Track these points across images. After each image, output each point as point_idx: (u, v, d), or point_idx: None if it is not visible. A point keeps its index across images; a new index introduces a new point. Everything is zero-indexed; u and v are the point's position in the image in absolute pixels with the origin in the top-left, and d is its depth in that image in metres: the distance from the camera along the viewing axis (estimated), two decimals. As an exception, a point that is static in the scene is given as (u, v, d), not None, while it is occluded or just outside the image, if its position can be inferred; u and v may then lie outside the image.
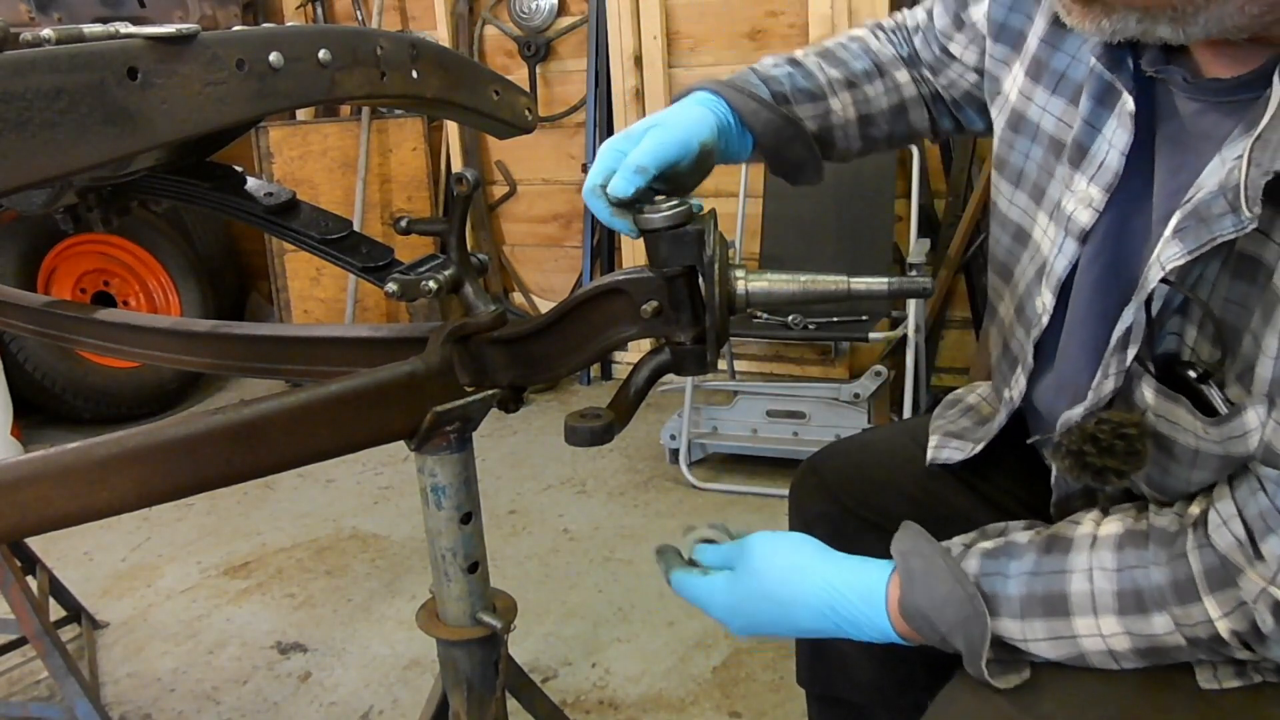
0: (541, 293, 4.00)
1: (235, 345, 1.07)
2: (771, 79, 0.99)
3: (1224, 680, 0.76)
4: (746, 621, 0.87)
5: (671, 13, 3.42)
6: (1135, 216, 0.79)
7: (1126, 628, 0.73)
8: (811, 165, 0.99)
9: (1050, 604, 0.75)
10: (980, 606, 0.75)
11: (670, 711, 1.85)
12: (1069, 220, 0.82)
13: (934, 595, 0.77)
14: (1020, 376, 0.94)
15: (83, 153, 0.63)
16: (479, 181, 0.95)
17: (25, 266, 3.37)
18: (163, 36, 0.67)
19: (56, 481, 0.67)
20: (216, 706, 1.96)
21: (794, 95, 0.99)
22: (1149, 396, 0.75)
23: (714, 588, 0.88)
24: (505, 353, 0.91)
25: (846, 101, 1.02)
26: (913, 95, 1.06)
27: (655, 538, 2.50)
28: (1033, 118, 0.89)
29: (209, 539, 2.69)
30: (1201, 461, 0.73)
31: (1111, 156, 0.79)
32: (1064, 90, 0.86)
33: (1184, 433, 0.73)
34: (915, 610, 0.78)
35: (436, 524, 0.93)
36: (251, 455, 0.74)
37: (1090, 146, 0.81)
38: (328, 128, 3.75)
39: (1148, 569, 0.72)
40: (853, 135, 1.04)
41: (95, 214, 1.14)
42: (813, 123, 1.00)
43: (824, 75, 1.02)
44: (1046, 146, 0.88)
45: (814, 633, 0.84)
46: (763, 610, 0.85)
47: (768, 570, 0.85)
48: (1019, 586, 0.76)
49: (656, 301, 0.82)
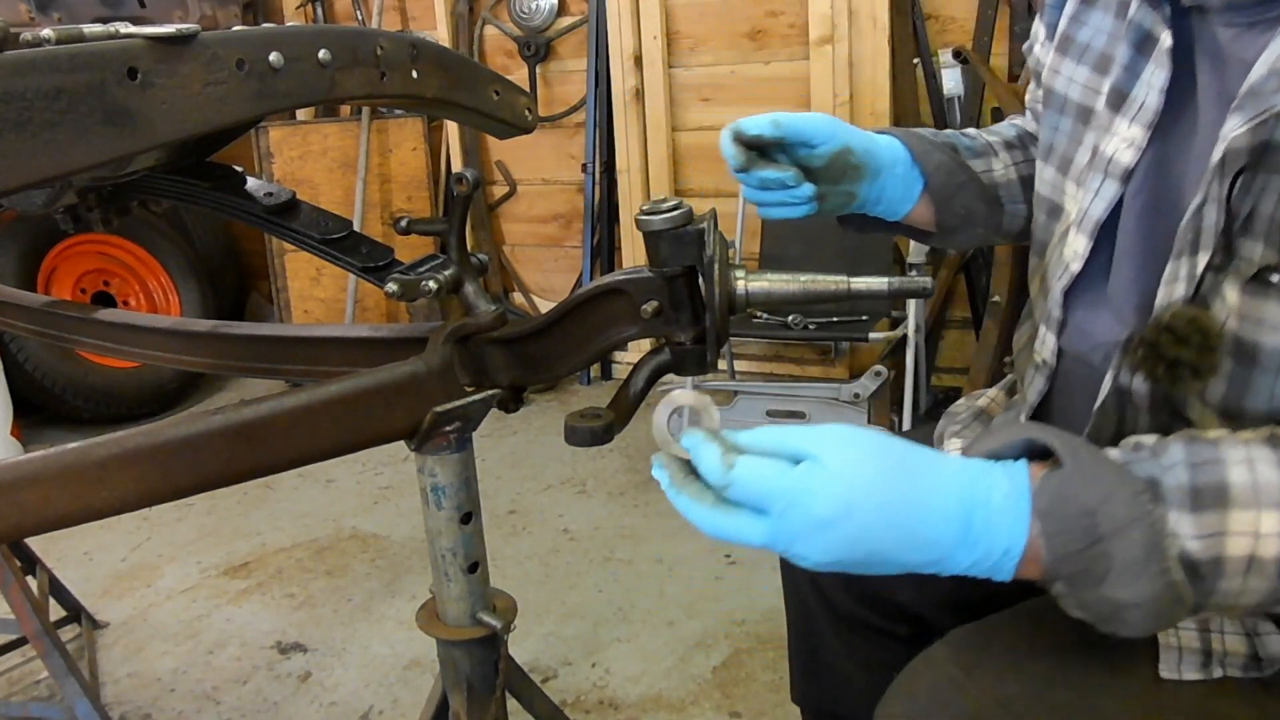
0: (541, 293, 4.00)
1: (235, 345, 1.07)
2: (940, 135, 1.01)
3: (1185, 672, 0.76)
4: (865, 524, 0.62)
5: (671, 13, 3.42)
6: (1177, 154, 0.79)
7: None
8: (981, 218, 1.00)
9: (1204, 495, 0.62)
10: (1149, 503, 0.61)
11: (670, 711, 1.85)
12: (1110, 162, 0.82)
13: (1101, 486, 0.61)
14: (1049, 335, 0.89)
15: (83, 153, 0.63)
16: (479, 181, 0.95)
17: (25, 266, 3.37)
18: (163, 36, 0.67)
19: (56, 481, 0.67)
20: (216, 706, 1.96)
21: (962, 149, 1.01)
22: (1231, 298, 0.70)
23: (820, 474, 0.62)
24: (505, 353, 0.91)
25: (1007, 161, 1.04)
26: None
27: (655, 538, 2.51)
28: (1060, 89, 0.90)
29: (209, 539, 2.69)
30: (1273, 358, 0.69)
31: (1151, 96, 0.79)
32: (1088, 59, 0.87)
33: (1272, 331, 0.69)
34: (1076, 504, 0.61)
35: (436, 524, 0.93)
36: (251, 455, 0.74)
37: (1130, 91, 0.82)
38: (328, 128, 3.75)
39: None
40: (1016, 196, 1.04)
41: (95, 214, 1.14)
42: (984, 178, 1.01)
43: (984, 138, 1.05)
44: (1075, 116, 0.89)
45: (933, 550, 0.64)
46: (891, 503, 0.62)
47: (874, 448, 0.63)
48: (1178, 476, 0.63)
49: (656, 301, 0.82)
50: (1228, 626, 0.77)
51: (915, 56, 3.10)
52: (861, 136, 0.93)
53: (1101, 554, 0.61)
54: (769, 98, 3.33)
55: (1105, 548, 0.61)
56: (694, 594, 2.25)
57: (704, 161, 3.49)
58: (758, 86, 3.35)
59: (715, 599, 2.22)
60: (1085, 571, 0.62)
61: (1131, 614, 0.62)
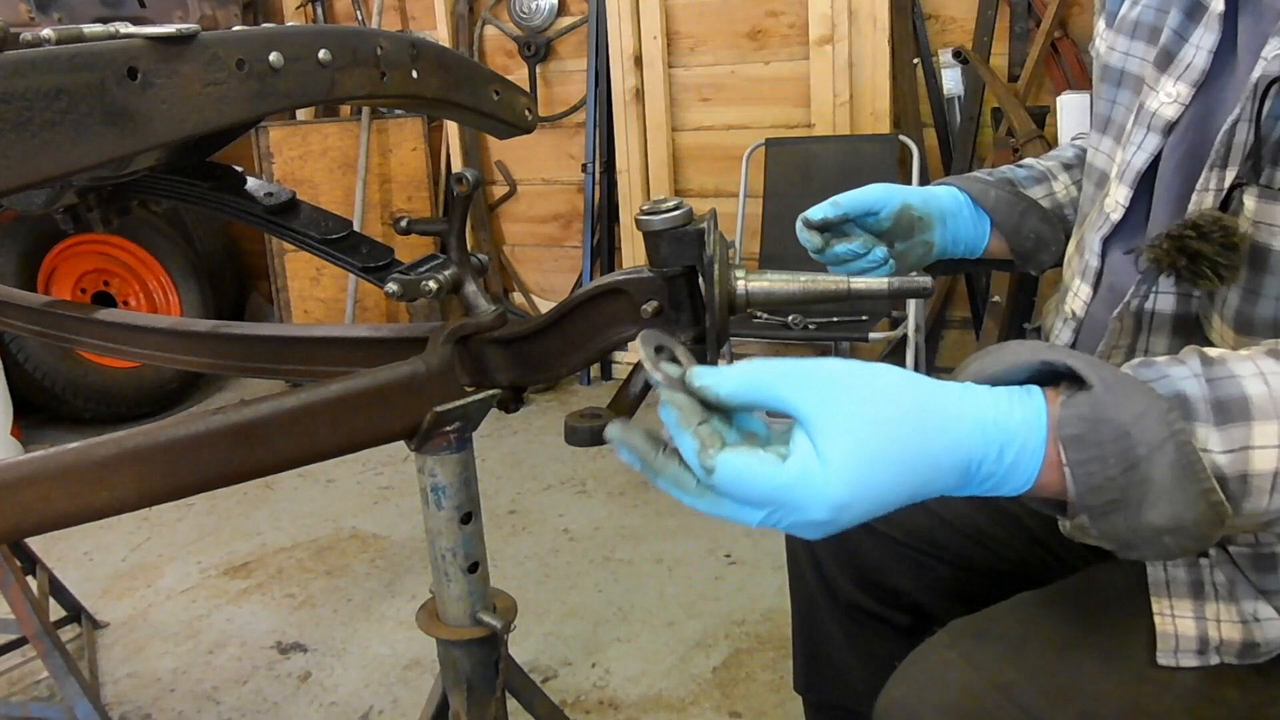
0: (541, 293, 4.00)
1: (235, 345, 1.07)
2: (995, 171, 1.08)
3: (1183, 660, 0.77)
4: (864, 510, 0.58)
5: (671, 13, 3.42)
6: (1219, 109, 0.81)
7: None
8: (1050, 238, 1.06)
9: (1225, 409, 0.59)
10: (1178, 420, 0.58)
11: (670, 711, 1.85)
12: (1154, 117, 0.84)
13: (1133, 406, 0.58)
14: (1084, 286, 0.90)
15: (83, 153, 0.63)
16: (479, 181, 0.95)
17: (25, 266, 3.37)
18: (163, 36, 0.67)
19: (56, 481, 0.67)
20: (216, 706, 1.96)
21: (1019, 181, 1.07)
22: (1250, 205, 0.72)
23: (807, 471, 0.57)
24: (505, 353, 0.91)
25: (1066, 182, 1.09)
26: None
27: (655, 538, 2.51)
28: (1116, 64, 0.94)
29: (209, 539, 2.69)
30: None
31: (1199, 57, 0.82)
32: (1141, 33, 0.91)
33: (1273, 230, 0.71)
34: (1110, 425, 0.57)
35: (436, 524, 0.93)
36: (251, 455, 0.74)
37: (1178, 52, 0.84)
38: (328, 128, 3.75)
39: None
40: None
41: (95, 214, 1.14)
42: (1045, 201, 1.07)
43: (1041, 164, 1.10)
44: (1131, 88, 0.91)
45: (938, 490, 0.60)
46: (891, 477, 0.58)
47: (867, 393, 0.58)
48: (1200, 389, 0.60)
49: (656, 301, 0.82)
50: (1224, 615, 0.78)
51: (915, 56, 3.10)
52: (918, 193, 1.02)
53: (1138, 479, 0.57)
54: (769, 98, 3.33)
55: (1143, 471, 0.57)
56: (694, 594, 2.25)
57: (704, 161, 3.49)
58: (758, 86, 3.35)
59: (715, 599, 2.22)
60: (1120, 499, 0.58)
61: (1167, 539, 0.58)
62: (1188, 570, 0.81)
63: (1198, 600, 0.79)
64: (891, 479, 0.58)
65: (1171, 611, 0.79)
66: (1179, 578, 0.81)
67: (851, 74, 3.12)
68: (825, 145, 3.07)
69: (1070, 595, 0.87)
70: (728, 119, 3.42)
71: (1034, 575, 1.00)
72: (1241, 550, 0.79)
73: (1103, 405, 0.58)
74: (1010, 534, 1.04)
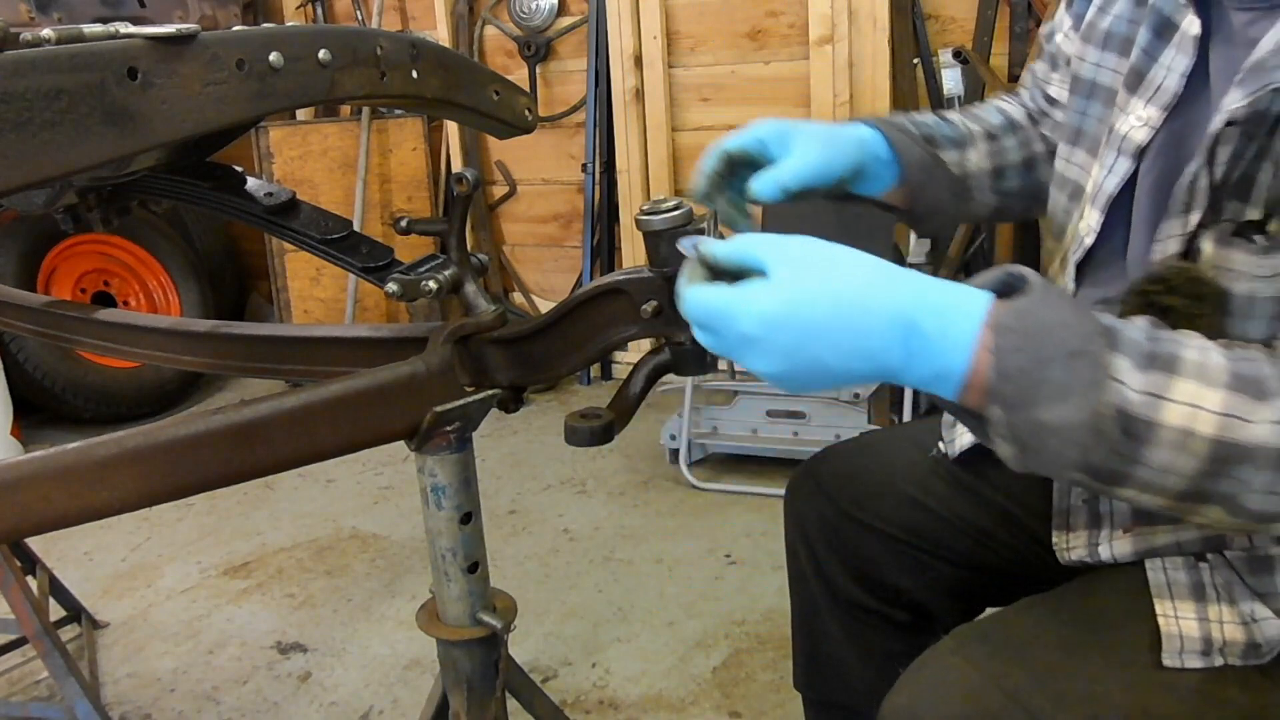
0: (541, 293, 4.00)
1: (235, 345, 1.07)
2: (920, 123, 1.04)
3: (1187, 661, 0.77)
4: (794, 339, 0.64)
5: (671, 13, 3.42)
6: (1190, 134, 0.81)
7: (1228, 406, 0.62)
8: (949, 209, 1.03)
9: (1157, 360, 0.63)
10: (1101, 344, 0.62)
11: (670, 711, 1.85)
12: (1124, 140, 0.84)
13: (1061, 314, 0.62)
14: None
15: (83, 153, 0.63)
16: (479, 181, 0.95)
17: (25, 266, 3.37)
18: (163, 36, 0.67)
19: (56, 481, 0.67)
20: (216, 706, 1.96)
21: (940, 140, 1.04)
22: (1208, 249, 0.73)
23: (741, 300, 0.65)
24: (505, 353, 0.91)
25: (983, 152, 1.07)
26: (1040, 151, 1.09)
27: (655, 538, 2.51)
28: (1087, 76, 0.93)
29: (209, 539, 2.69)
30: (1256, 309, 0.72)
31: (1170, 79, 0.82)
32: (1112, 45, 0.90)
33: (1239, 277, 0.72)
34: (1032, 318, 0.62)
35: (436, 524, 0.93)
36: (251, 455, 0.74)
37: (1148, 73, 0.84)
38: (328, 128, 3.75)
39: (1258, 362, 0.64)
40: (985, 187, 1.07)
41: (95, 214, 1.14)
42: (956, 169, 1.04)
43: (966, 127, 1.07)
44: (1102, 100, 0.91)
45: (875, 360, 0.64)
46: (821, 318, 0.63)
47: (828, 262, 0.66)
48: (1136, 335, 0.64)
49: (656, 301, 0.82)
50: (1226, 616, 0.78)
51: (915, 56, 3.10)
52: (852, 157, 0.95)
53: (1044, 378, 0.61)
54: (769, 97, 3.33)
55: (1048, 372, 0.61)
56: (694, 594, 2.25)
57: (704, 161, 3.49)
58: (758, 86, 3.35)
59: (715, 599, 2.22)
60: (1024, 391, 0.62)
61: (1051, 441, 0.62)
62: (1188, 572, 0.81)
63: (1200, 602, 0.79)
64: (826, 312, 0.64)
65: (1175, 613, 0.79)
66: (1180, 580, 0.81)
67: (851, 74, 3.12)
68: (825, 145, 3.07)
69: (1073, 598, 0.87)
70: (728, 119, 3.42)
71: (1034, 575, 1.00)
72: (1236, 554, 0.80)
73: (1039, 305, 0.62)
74: (1010, 534, 1.04)
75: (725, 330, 0.66)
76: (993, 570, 1.06)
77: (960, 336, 0.63)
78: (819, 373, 0.65)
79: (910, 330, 0.63)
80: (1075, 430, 0.61)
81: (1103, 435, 0.61)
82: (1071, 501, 0.91)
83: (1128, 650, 0.79)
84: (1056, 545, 0.93)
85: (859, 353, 0.64)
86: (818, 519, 1.11)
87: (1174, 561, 0.82)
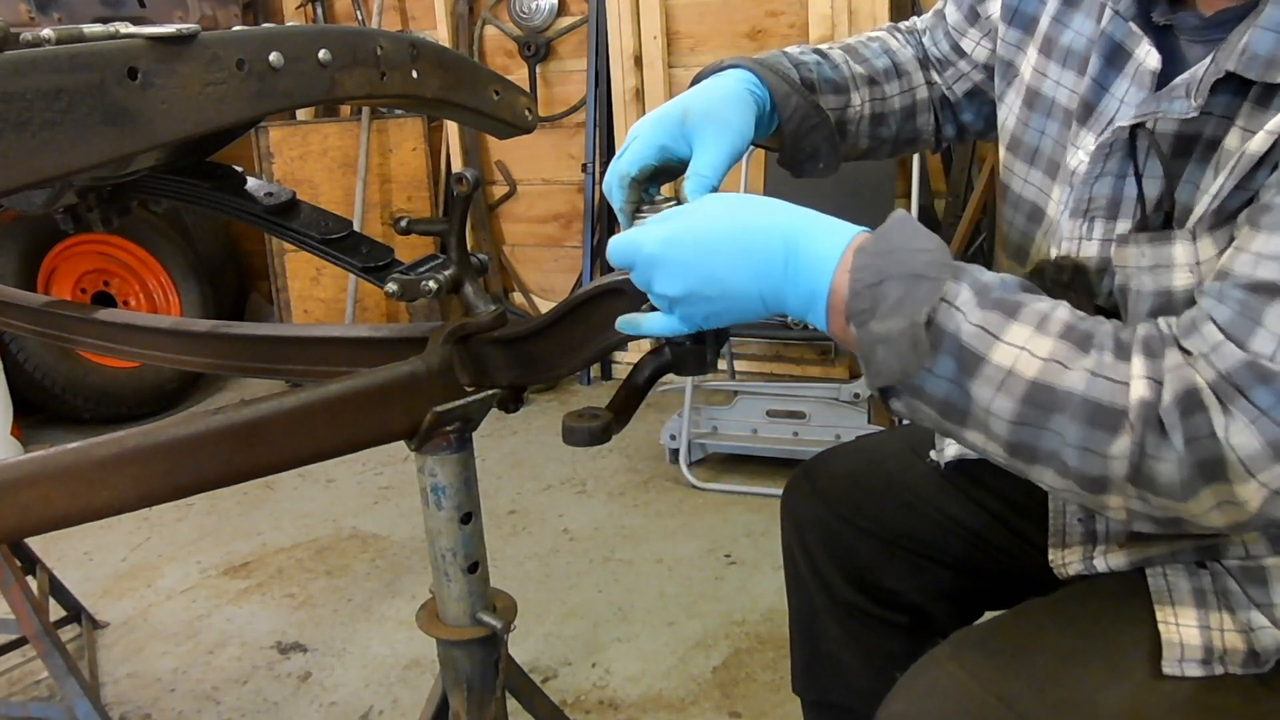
0: (541, 293, 4.00)
1: (235, 345, 1.07)
2: (802, 64, 0.99)
3: (1188, 670, 0.77)
4: (691, 255, 0.71)
5: (671, 13, 3.42)
6: None
7: (1053, 353, 0.65)
8: (826, 157, 0.99)
9: (1001, 306, 0.66)
10: (948, 272, 0.67)
11: (670, 711, 1.85)
12: (1073, 175, 0.83)
13: (913, 241, 0.68)
14: None
15: (83, 153, 0.63)
16: (479, 181, 0.95)
17: (25, 266, 3.37)
18: (163, 36, 0.67)
19: (56, 481, 0.67)
20: (216, 706, 1.96)
21: (820, 84, 0.99)
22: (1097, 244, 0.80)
23: (647, 229, 0.74)
24: (505, 353, 0.91)
25: (865, 98, 1.03)
26: (924, 99, 1.07)
27: (655, 538, 2.51)
28: (1047, 93, 0.90)
29: (209, 539, 2.69)
30: (1140, 301, 0.76)
31: (1123, 113, 0.80)
32: (1072, 63, 0.87)
33: (1137, 274, 0.75)
34: (883, 241, 0.68)
35: (436, 524, 0.93)
36: (251, 455, 0.74)
37: (1098, 105, 0.82)
38: (328, 128, 3.75)
39: (1099, 322, 0.68)
40: (863, 133, 1.04)
41: (95, 214, 1.14)
42: (834, 115, 1.00)
43: (848, 69, 1.02)
44: (1061, 120, 0.89)
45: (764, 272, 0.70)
46: (716, 233, 0.71)
47: (717, 204, 0.73)
48: (988, 278, 0.69)
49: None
50: (1226, 624, 0.78)
51: (915, 56, 3.10)
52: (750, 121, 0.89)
53: (884, 294, 0.66)
54: (769, 98, 3.32)
55: (888, 288, 0.66)
56: (694, 594, 2.25)
57: (704, 161, 3.48)
58: (758, 86, 3.35)
59: (715, 599, 2.22)
60: (867, 306, 0.67)
61: (879, 349, 0.66)
62: (1189, 578, 0.80)
63: (1201, 609, 0.79)
64: (721, 229, 0.71)
65: (1176, 620, 0.78)
66: (1181, 586, 0.80)
67: (851, 74, 3.12)
68: (825, 145, 3.07)
69: (1071, 605, 0.86)
70: (728, 119, 3.42)
71: (1030, 579, 0.99)
72: (1233, 563, 0.79)
73: (898, 232, 0.68)
74: (1006, 538, 1.04)
75: (637, 258, 0.73)
76: (989, 574, 1.06)
77: (827, 255, 0.69)
78: (716, 291, 0.71)
79: (790, 249, 0.69)
80: (897, 340, 0.65)
81: (919, 346, 0.65)
82: (1067, 520, 0.91)
83: (1126, 658, 0.78)
84: (1053, 562, 0.92)
85: (749, 270, 0.70)
86: (814, 523, 1.11)
87: (1174, 568, 0.81)
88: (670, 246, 0.72)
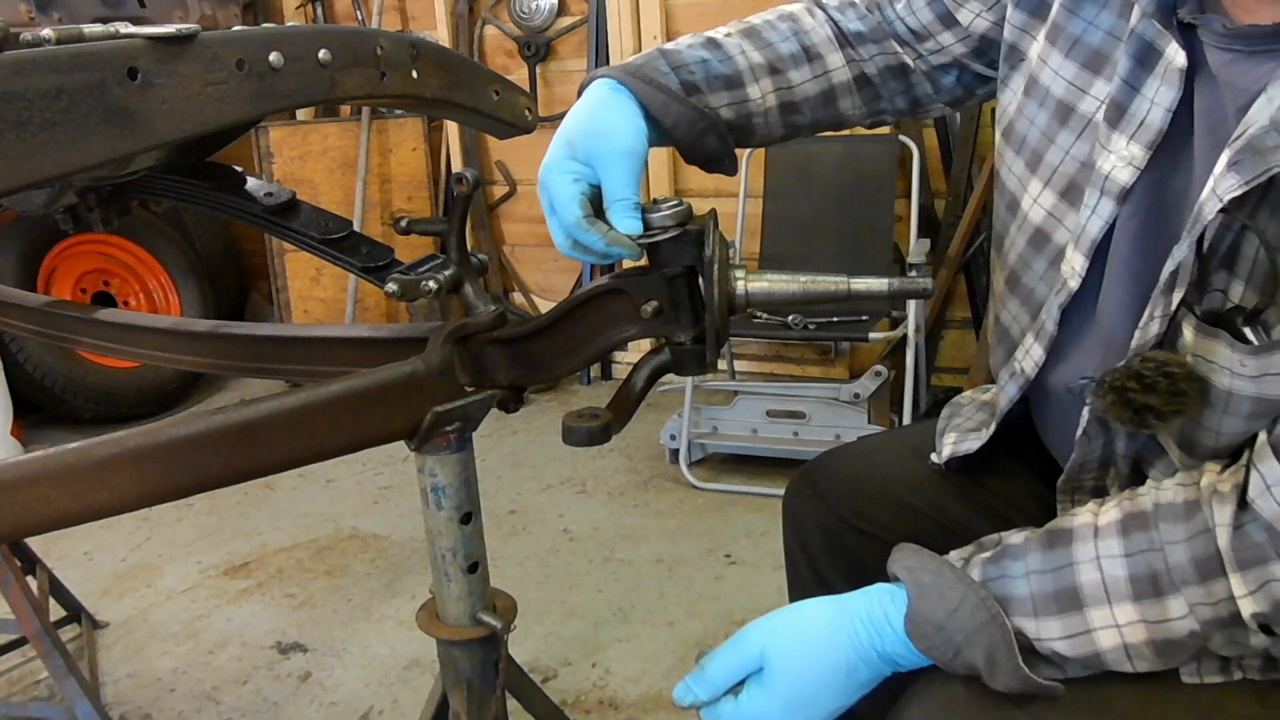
0: (541, 293, 4.00)
1: (235, 345, 1.07)
2: (683, 65, 0.94)
3: (1206, 675, 0.76)
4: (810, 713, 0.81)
5: (671, 13, 3.42)
6: (1175, 174, 0.78)
7: (1143, 614, 0.71)
8: (728, 157, 0.95)
9: (1062, 599, 0.73)
10: (994, 607, 0.73)
11: (670, 711, 1.85)
12: (1106, 180, 0.80)
13: (947, 603, 0.75)
14: (1036, 346, 0.90)
15: (83, 153, 0.63)
16: (479, 181, 0.95)
17: (25, 266, 3.37)
18: (163, 36, 0.67)
19: (56, 481, 0.67)
20: (216, 706, 1.96)
21: (708, 83, 0.94)
22: (1189, 336, 0.73)
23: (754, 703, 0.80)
24: (505, 353, 0.91)
25: (767, 89, 0.97)
26: (843, 81, 1.00)
27: (655, 538, 2.51)
28: (1044, 82, 0.88)
29: (209, 539, 2.69)
30: (1234, 405, 0.71)
31: (1155, 114, 0.77)
32: (1077, 55, 0.85)
33: (1219, 371, 0.71)
34: (928, 622, 0.75)
35: (436, 524, 0.93)
36: (251, 455, 0.74)
37: (1129, 106, 0.79)
38: (328, 128, 3.75)
39: (1162, 550, 0.70)
40: (774, 123, 0.99)
41: (95, 214, 1.14)
42: (729, 111, 0.95)
43: (744, 60, 0.97)
44: (1051, 112, 0.87)
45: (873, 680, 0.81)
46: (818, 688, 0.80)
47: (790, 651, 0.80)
48: (1027, 586, 0.74)
49: (656, 301, 0.82)
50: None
51: (915, 56, 3.10)
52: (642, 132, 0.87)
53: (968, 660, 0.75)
54: (769, 98, 3.32)
55: (968, 655, 0.74)
56: (694, 594, 2.25)
57: (704, 161, 3.48)
58: (758, 86, 3.35)
59: (715, 599, 2.22)
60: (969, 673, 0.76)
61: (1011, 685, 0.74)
62: None
63: None
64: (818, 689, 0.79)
65: None
66: None
67: (851, 74, 3.11)
68: (825, 145, 3.06)
69: None
70: (728, 119, 3.42)
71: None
72: None
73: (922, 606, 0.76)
74: None
75: None
76: None
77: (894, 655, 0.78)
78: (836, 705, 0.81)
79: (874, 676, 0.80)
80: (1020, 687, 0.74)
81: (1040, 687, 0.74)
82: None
83: None
84: None
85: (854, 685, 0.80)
86: (816, 525, 1.11)
87: None
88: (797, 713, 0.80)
